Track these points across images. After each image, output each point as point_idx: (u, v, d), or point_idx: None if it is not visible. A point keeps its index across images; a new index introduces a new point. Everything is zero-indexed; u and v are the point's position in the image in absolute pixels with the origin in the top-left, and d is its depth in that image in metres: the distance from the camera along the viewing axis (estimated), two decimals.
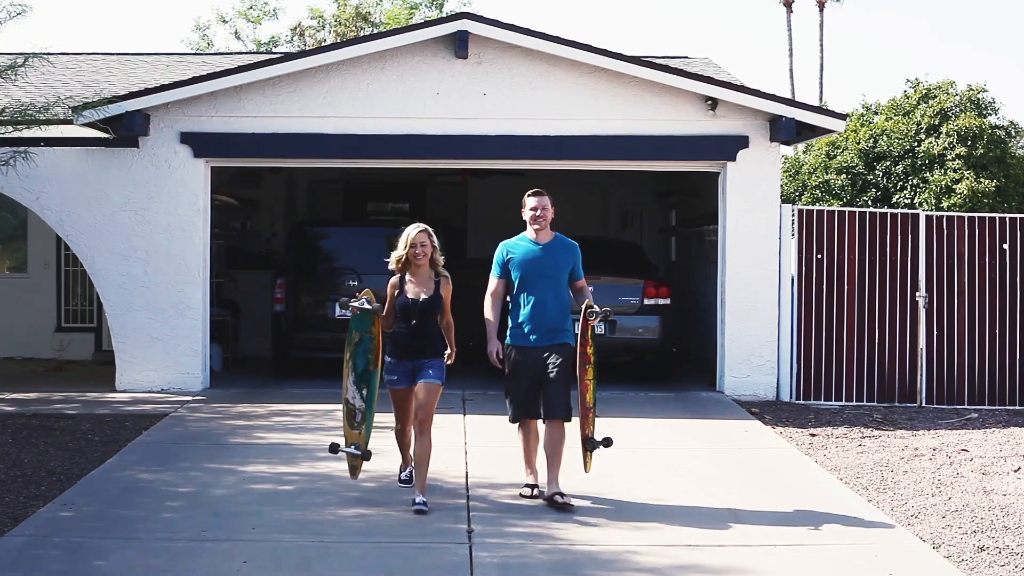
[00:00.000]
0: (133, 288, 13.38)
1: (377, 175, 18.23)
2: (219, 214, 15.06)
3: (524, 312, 8.28)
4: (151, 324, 13.36)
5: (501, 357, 8.31)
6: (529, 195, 8.47)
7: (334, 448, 8.06)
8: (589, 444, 8.29)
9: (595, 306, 8.19)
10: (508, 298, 8.46)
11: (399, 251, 8.17)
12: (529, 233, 8.43)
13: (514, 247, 8.44)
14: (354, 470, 8.20)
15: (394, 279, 8.23)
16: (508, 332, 8.36)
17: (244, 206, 17.85)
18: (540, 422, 8.39)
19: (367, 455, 8.06)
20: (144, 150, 13.40)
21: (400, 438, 8.56)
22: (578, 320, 8.31)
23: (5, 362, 16.38)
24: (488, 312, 8.38)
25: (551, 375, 8.19)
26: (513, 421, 8.39)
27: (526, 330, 8.27)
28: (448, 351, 8.39)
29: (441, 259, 8.27)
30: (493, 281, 8.45)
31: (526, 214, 8.42)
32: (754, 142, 13.50)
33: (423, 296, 8.12)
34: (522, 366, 8.27)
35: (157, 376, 13.34)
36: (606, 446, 8.26)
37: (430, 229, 8.20)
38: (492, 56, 13.45)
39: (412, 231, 8.14)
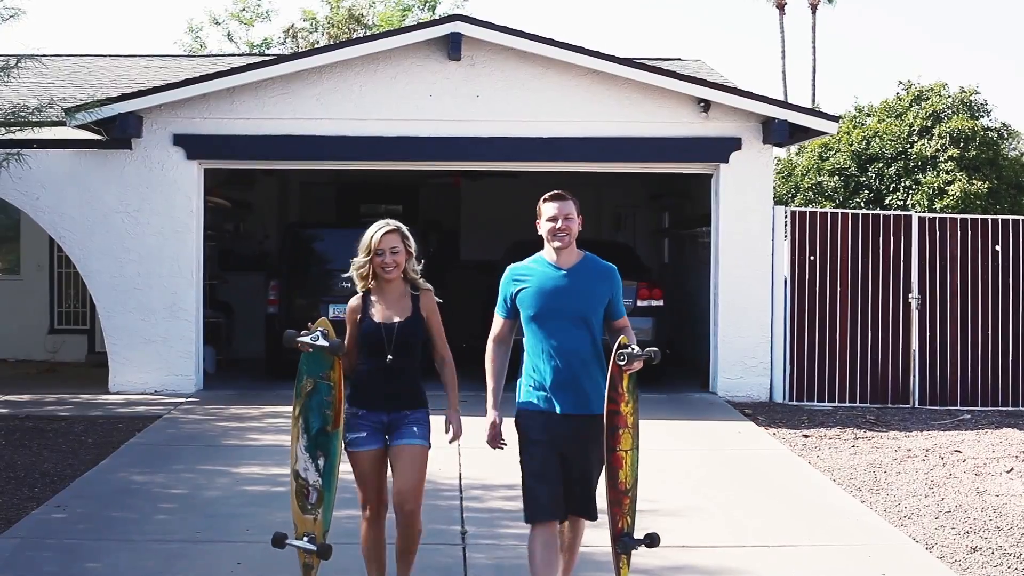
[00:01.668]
0: (126, 290, 13.37)
1: (370, 177, 18.23)
2: (212, 216, 15.05)
3: (543, 366, 5.85)
4: (144, 326, 13.35)
5: (501, 440, 6.02)
6: (546, 200, 5.98)
7: (279, 541, 5.83)
8: (623, 544, 5.70)
9: (633, 345, 5.70)
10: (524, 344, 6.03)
11: (360, 260, 5.93)
12: (547, 254, 5.97)
13: (526, 274, 5.95)
14: (308, 569, 5.82)
15: (354, 301, 5.99)
16: (520, 392, 6.00)
17: (237, 208, 17.85)
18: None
19: (325, 552, 5.76)
20: (137, 152, 13.39)
21: (370, 542, 6.07)
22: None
23: None
24: (488, 364, 6.06)
25: (579, 461, 5.83)
26: (529, 521, 5.83)
27: (546, 392, 5.85)
28: (450, 422, 6.11)
29: (418, 267, 6.06)
30: (497, 321, 6.06)
31: (543, 227, 5.95)
32: (747, 144, 13.52)
33: (397, 320, 5.91)
34: (541, 440, 5.81)
35: (150, 378, 13.32)
36: (649, 546, 5.73)
37: (403, 228, 5.98)
38: (485, 58, 13.46)
39: (377, 232, 5.89)
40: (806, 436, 11.37)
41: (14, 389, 13.59)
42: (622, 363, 5.62)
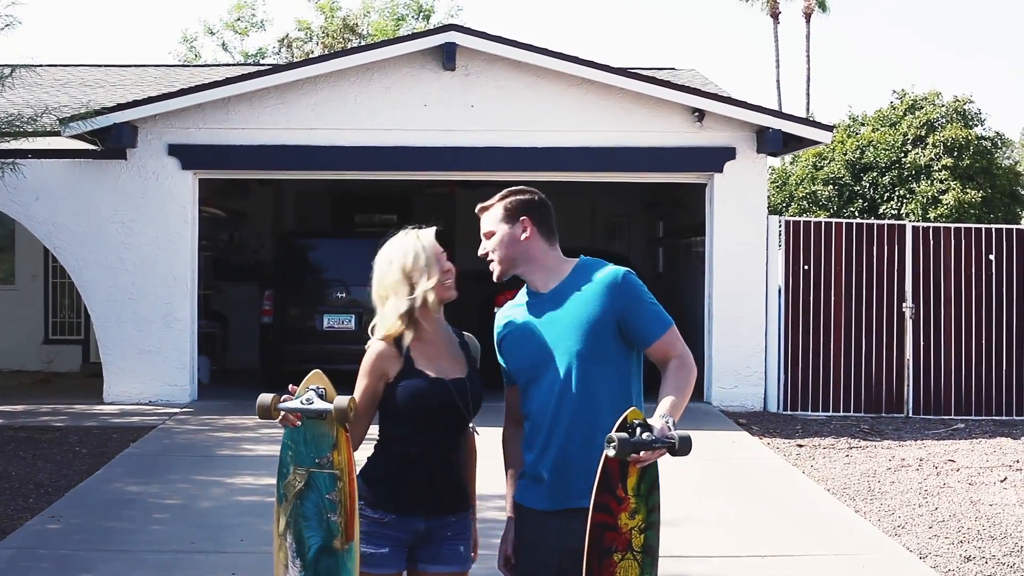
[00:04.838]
0: (121, 300, 13.36)
1: (365, 186, 18.25)
2: (207, 226, 15.06)
3: (529, 439, 3.95)
4: (139, 336, 13.34)
5: (513, 562, 4.02)
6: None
7: None
8: None
9: (655, 424, 3.58)
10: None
11: (417, 288, 3.94)
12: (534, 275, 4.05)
13: (509, 315, 4.08)
14: None
15: (382, 346, 3.90)
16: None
17: (232, 218, 17.86)
18: None
19: None
20: (132, 162, 13.39)
21: None
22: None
23: None
24: (504, 452, 4.16)
25: None
26: None
27: (531, 476, 3.94)
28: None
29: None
30: (506, 392, 4.12)
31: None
32: (741, 153, 13.55)
33: (458, 375, 3.97)
34: (531, 544, 3.93)
35: (145, 388, 13.31)
36: None
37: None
38: (479, 68, 13.48)
39: (428, 236, 4.03)
40: (800, 446, 11.38)
41: (9, 399, 13.57)
42: (612, 453, 3.46)
